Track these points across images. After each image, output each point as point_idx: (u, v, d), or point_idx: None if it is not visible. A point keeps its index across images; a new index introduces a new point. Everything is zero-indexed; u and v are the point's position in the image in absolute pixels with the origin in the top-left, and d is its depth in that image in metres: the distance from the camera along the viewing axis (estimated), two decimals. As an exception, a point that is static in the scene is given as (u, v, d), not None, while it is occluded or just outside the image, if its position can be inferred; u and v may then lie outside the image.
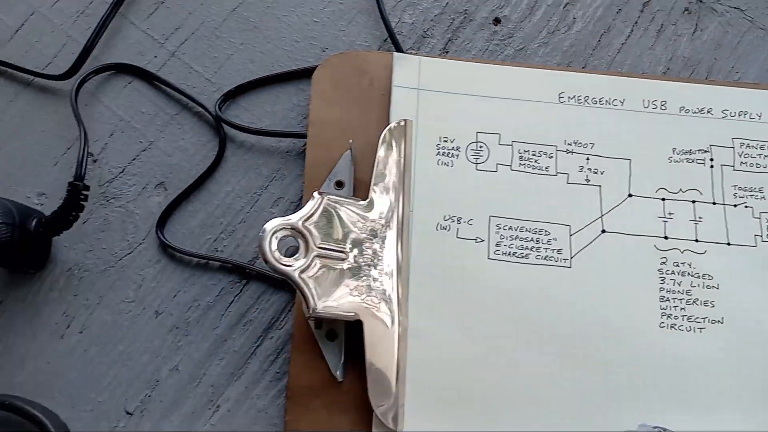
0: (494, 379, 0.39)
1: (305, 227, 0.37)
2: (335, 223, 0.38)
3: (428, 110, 0.42)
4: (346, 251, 0.38)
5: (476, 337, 0.39)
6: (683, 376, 0.39)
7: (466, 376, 0.39)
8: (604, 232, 0.41)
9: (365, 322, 0.38)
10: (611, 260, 0.41)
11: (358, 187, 0.42)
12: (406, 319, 0.40)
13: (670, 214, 0.42)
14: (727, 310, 0.40)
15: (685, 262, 0.41)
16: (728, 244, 0.41)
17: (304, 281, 0.36)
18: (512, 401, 0.39)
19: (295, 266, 0.36)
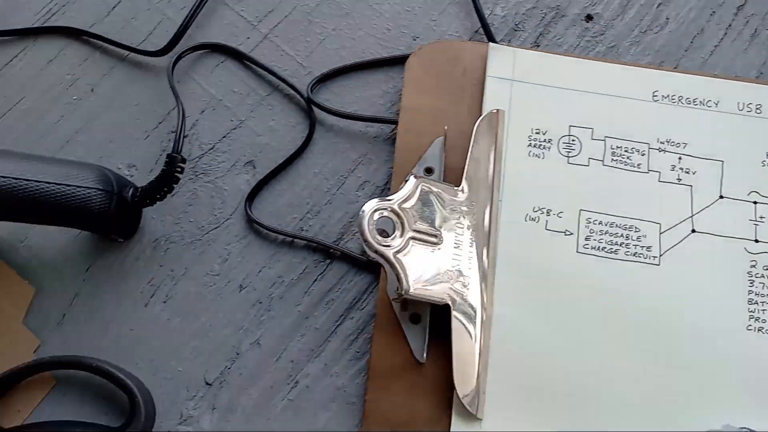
0: (576, 372, 0.39)
1: (402, 209, 0.37)
2: (430, 207, 0.38)
3: (521, 102, 0.42)
4: (438, 236, 0.38)
5: (561, 329, 0.39)
6: (769, 378, 0.38)
7: (548, 367, 0.39)
8: (694, 231, 0.41)
9: (453, 307, 0.38)
10: (700, 260, 0.40)
11: (447, 174, 0.42)
12: (491, 307, 0.40)
13: (761, 217, 0.41)
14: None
15: (775, 266, 0.40)
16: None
17: (399, 262, 0.36)
18: (593, 395, 0.38)
19: (392, 246, 0.36)
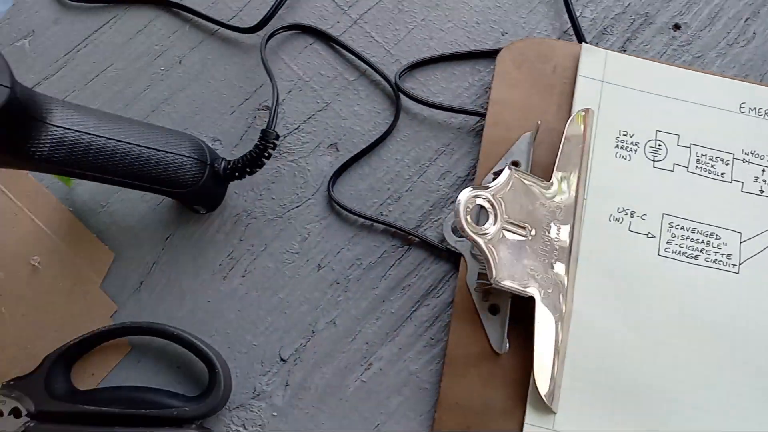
0: (650, 372, 0.39)
1: (497, 199, 0.38)
2: (521, 199, 0.39)
3: (610, 103, 0.43)
4: (527, 228, 0.39)
5: (638, 329, 0.40)
6: None
7: (622, 366, 0.39)
8: (774, 243, 0.41)
9: (537, 300, 0.38)
10: (779, 272, 0.41)
11: (533, 169, 0.42)
12: (570, 303, 0.40)
13: (842, 233, 0.42)
14: None
15: None
16: None
17: (490, 251, 0.37)
18: (666, 397, 0.39)
19: (487, 235, 0.37)
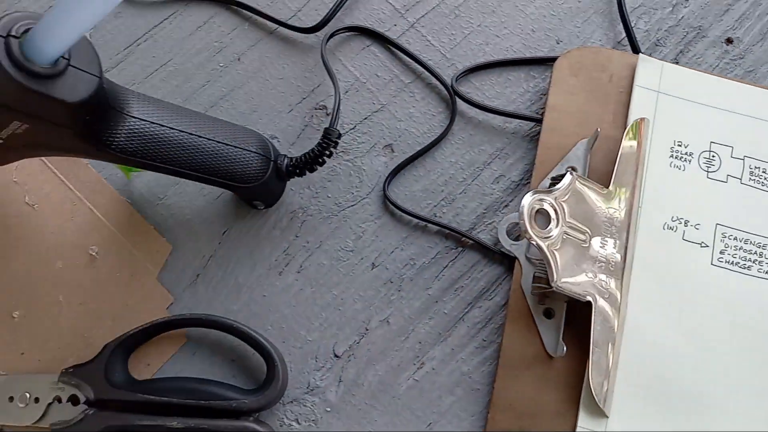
0: (702, 380, 0.40)
1: (559, 203, 0.38)
2: (582, 205, 0.39)
3: (665, 113, 0.44)
4: (587, 233, 0.39)
5: (690, 337, 0.40)
6: None
7: (674, 373, 0.40)
8: (826, 257, 0.42)
9: (595, 305, 0.39)
10: (831, 285, 0.41)
11: (589, 175, 0.43)
12: (624, 308, 0.41)
13: None
14: None
15: None
16: None
17: (552, 254, 0.38)
18: (717, 405, 0.39)
19: (549, 238, 0.38)
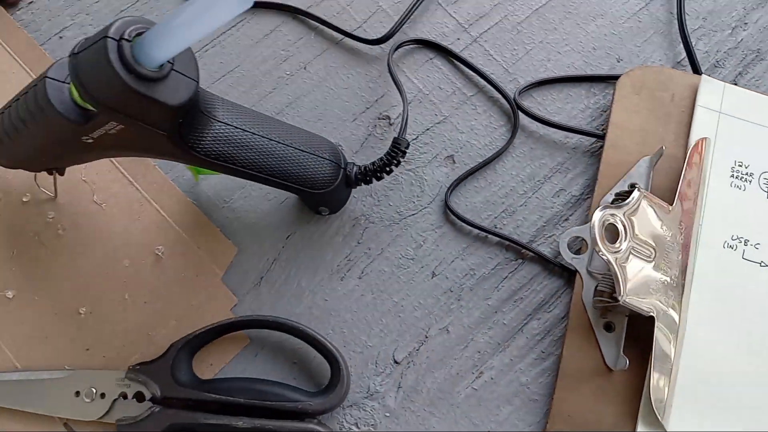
0: (760, 396, 0.40)
1: (628, 219, 0.39)
2: (648, 221, 0.40)
3: (727, 134, 0.44)
4: (652, 249, 0.40)
5: (749, 354, 0.41)
6: None
7: (733, 389, 0.41)
8: None
9: (657, 320, 0.40)
10: None
11: (651, 192, 0.44)
12: (684, 324, 0.41)
13: None
14: None
15: None
16: None
17: (620, 269, 0.38)
18: (774, 422, 0.40)
19: (619, 252, 0.38)
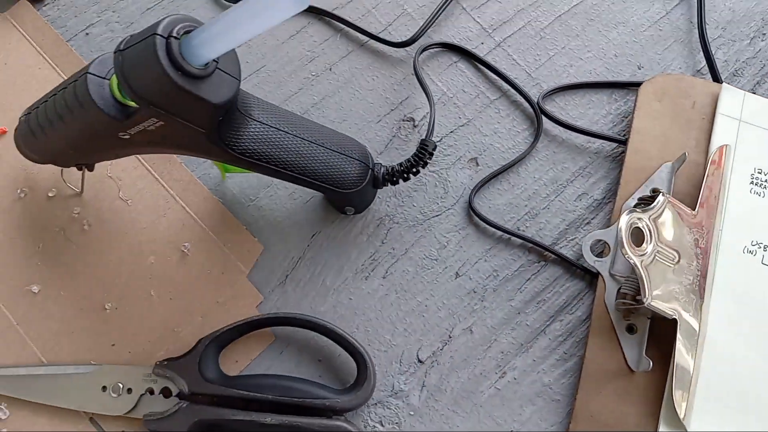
0: (779, 401, 0.41)
1: (653, 222, 0.40)
2: (671, 225, 0.41)
3: (747, 141, 0.45)
4: (675, 253, 0.41)
5: (768, 358, 0.42)
6: None
7: (754, 392, 0.41)
8: None
9: (680, 323, 0.40)
10: None
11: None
12: (705, 327, 0.42)
13: None
14: None
15: None
16: None
17: (645, 272, 0.39)
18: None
19: (644, 256, 0.39)
